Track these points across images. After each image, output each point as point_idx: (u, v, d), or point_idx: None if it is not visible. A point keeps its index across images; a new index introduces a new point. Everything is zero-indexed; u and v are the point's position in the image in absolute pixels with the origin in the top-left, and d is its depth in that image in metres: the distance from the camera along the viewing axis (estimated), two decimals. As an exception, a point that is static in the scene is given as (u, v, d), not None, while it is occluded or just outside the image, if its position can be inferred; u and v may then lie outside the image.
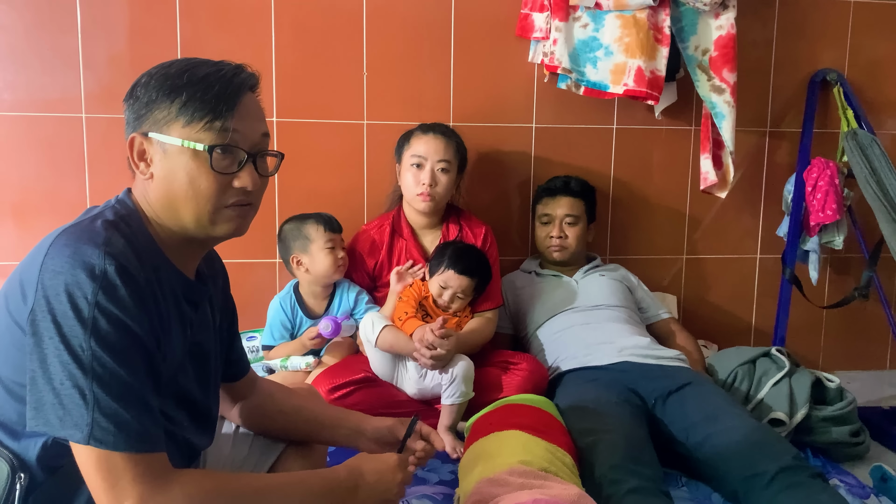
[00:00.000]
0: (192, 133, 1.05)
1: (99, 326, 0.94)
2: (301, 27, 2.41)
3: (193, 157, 1.06)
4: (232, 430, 1.38)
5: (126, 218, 1.06)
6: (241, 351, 1.37)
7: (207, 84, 1.05)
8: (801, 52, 2.70)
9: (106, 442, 0.93)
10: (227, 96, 1.06)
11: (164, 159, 1.07)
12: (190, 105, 1.05)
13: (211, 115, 1.05)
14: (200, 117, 1.05)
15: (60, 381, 0.93)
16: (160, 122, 1.06)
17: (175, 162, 1.06)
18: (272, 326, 2.29)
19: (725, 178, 2.54)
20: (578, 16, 2.41)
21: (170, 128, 1.05)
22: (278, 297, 2.31)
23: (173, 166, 1.06)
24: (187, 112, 1.05)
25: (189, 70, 1.07)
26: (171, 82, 1.06)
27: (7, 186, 2.33)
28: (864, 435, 2.08)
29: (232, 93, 1.07)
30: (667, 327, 2.43)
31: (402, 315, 2.07)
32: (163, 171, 1.07)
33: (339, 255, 2.24)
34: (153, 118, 1.06)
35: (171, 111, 1.05)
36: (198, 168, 1.06)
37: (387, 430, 1.36)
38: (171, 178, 1.07)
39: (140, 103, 1.07)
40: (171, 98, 1.05)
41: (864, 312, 2.76)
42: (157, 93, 1.06)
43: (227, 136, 1.06)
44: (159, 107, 1.06)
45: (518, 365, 2.12)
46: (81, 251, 0.96)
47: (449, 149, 2.23)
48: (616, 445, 1.68)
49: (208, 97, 1.05)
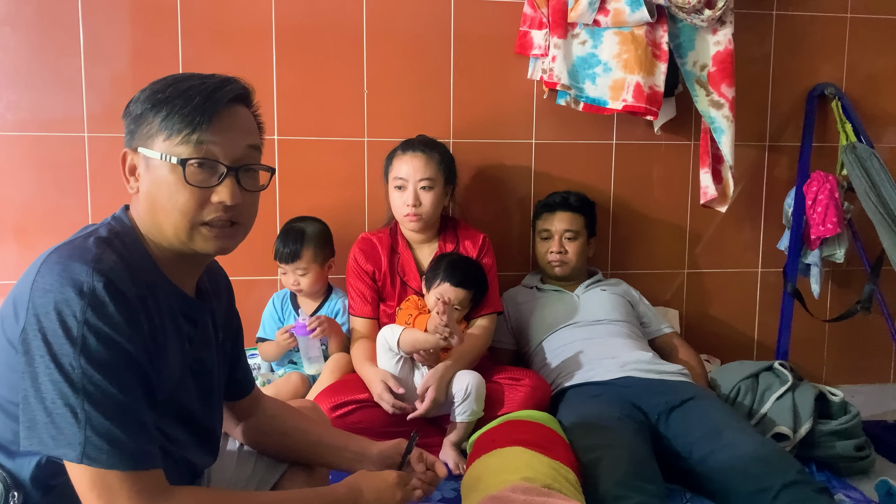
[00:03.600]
0: (171, 146, 1.04)
1: (88, 344, 0.93)
2: (302, 46, 2.43)
3: (171, 171, 1.04)
4: (236, 448, 1.37)
5: (121, 234, 1.06)
6: (246, 369, 1.36)
7: (188, 97, 1.04)
8: (799, 66, 2.72)
9: (99, 460, 0.93)
10: (204, 108, 1.04)
11: (147, 173, 1.06)
12: (170, 118, 1.04)
13: (189, 128, 1.03)
14: (179, 130, 1.03)
15: (52, 400, 0.92)
16: (145, 137, 1.06)
17: (156, 176, 1.05)
18: (263, 320, 2.37)
19: (725, 193, 2.54)
20: (577, 33, 2.43)
21: (153, 142, 1.05)
22: (276, 293, 2.40)
23: (155, 180, 1.05)
24: (168, 125, 1.04)
25: (174, 84, 1.06)
26: (157, 96, 1.06)
27: (10, 205, 2.34)
28: (868, 449, 2.07)
29: (211, 105, 1.04)
30: (669, 342, 2.43)
31: (407, 318, 2.08)
32: (146, 186, 1.07)
33: (291, 280, 2.28)
34: (140, 133, 1.06)
35: (153, 125, 1.05)
36: (175, 182, 1.04)
37: (392, 449, 1.34)
38: (154, 192, 1.06)
39: (131, 118, 1.08)
40: (155, 112, 1.05)
41: (866, 326, 2.75)
42: (144, 107, 1.06)
43: (203, 148, 1.04)
44: (145, 121, 1.06)
45: (520, 381, 2.11)
46: (70, 269, 0.96)
47: (430, 165, 2.22)
48: (619, 461, 1.67)
49: (187, 110, 1.04)
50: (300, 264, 2.25)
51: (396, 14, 2.47)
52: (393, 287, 2.28)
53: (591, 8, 2.34)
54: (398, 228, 2.34)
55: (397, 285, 2.28)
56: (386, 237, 2.32)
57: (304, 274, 2.27)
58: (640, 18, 2.33)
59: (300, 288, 2.29)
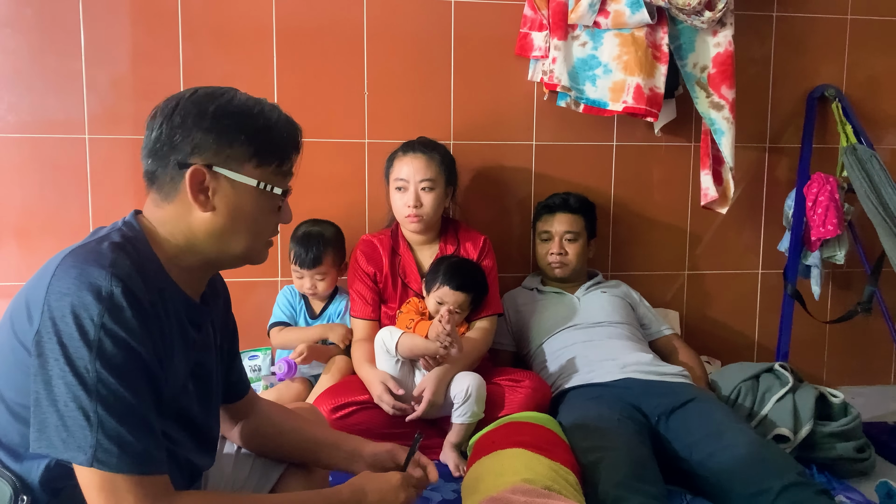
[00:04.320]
0: (265, 174, 1.11)
1: (104, 348, 0.94)
2: (302, 48, 2.43)
3: (263, 198, 1.11)
4: (233, 451, 1.38)
5: (133, 240, 1.06)
6: (240, 371, 1.37)
7: (277, 128, 1.12)
8: (799, 68, 2.72)
9: (109, 464, 0.93)
10: (294, 143, 1.15)
11: (233, 195, 1.09)
12: (264, 148, 1.10)
13: (280, 160, 1.12)
14: (272, 161, 1.11)
15: (65, 403, 0.93)
16: (229, 160, 1.08)
17: (243, 199, 1.10)
18: (278, 305, 2.39)
19: (726, 194, 2.55)
20: (577, 34, 2.43)
21: (241, 166, 1.09)
22: (286, 287, 2.42)
23: (241, 203, 1.10)
24: (261, 154, 1.10)
25: (255, 111, 1.11)
26: (235, 121, 1.08)
27: (10, 207, 2.34)
28: (869, 451, 2.07)
29: (295, 139, 1.15)
30: (669, 343, 2.43)
31: (408, 323, 2.08)
32: (228, 206, 1.09)
33: (308, 284, 2.29)
34: (217, 153, 1.07)
35: (242, 151, 1.08)
36: (265, 208, 1.12)
37: (386, 453, 1.35)
38: (237, 213, 1.10)
39: (193, 133, 1.07)
40: (242, 137, 1.08)
41: (867, 327, 2.75)
42: (220, 128, 1.07)
43: (290, 179, 1.16)
44: (225, 143, 1.08)
45: (521, 382, 2.11)
46: (88, 273, 0.96)
47: (431, 166, 2.23)
48: (619, 463, 1.67)
49: (280, 143, 1.12)
50: (321, 269, 2.27)
51: (397, 16, 2.47)
52: (394, 289, 2.28)
53: (591, 10, 2.35)
54: (399, 230, 2.34)
55: (398, 287, 2.28)
56: (387, 239, 2.32)
57: (323, 279, 2.29)
58: (640, 20, 2.34)
59: (316, 292, 2.30)
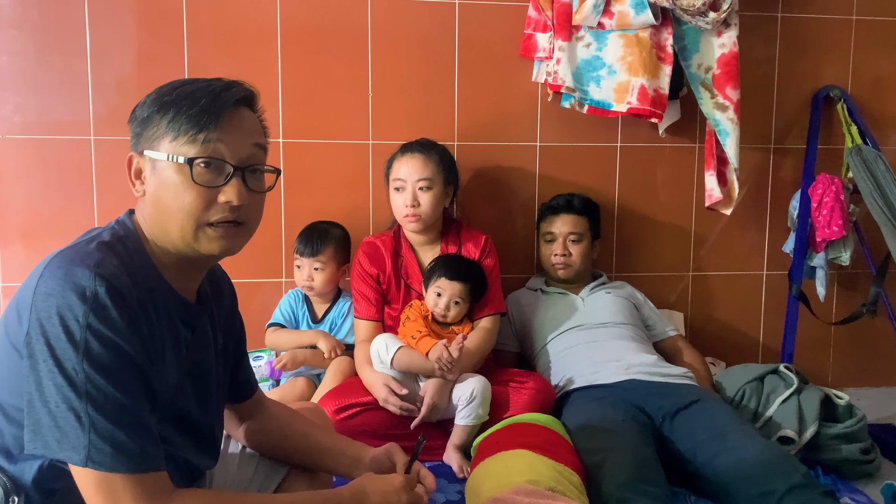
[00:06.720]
0: (177, 147, 1.05)
1: (91, 348, 0.94)
2: (307, 49, 2.44)
3: (178, 171, 1.05)
4: (238, 450, 1.38)
5: (123, 239, 1.06)
6: (248, 372, 1.37)
7: (194, 99, 1.05)
8: (804, 69, 2.71)
9: (104, 464, 0.93)
10: (211, 109, 1.05)
11: (153, 175, 1.07)
12: (176, 119, 1.05)
13: (196, 129, 1.04)
14: (185, 130, 1.04)
15: (56, 404, 0.93)
16: (151, 139, 1.07)
17: (163, 177, 1.06)
18: (279, 307, 2.40)
19: (730, 195, 2.54)
20: (581, 35, 2.43)
21: (159, 144, 1.06)
22: (291, 290, 2.43)
23: (161, 181, 1.06)
24: (175, 126, 1.05)
25: (180, 87, 1.08)
26: (163, 99, 1.07)
27: (16, 208, 2.36)
28: (874, 452, 2.06)
29: (218, 106, 1.06)
30: (674, 344, 2.42)
31: (414, 334, 2.07)
32: (152, 187, 1.07)
33: (305, 274, 2.30)
34: (146, 135, 1.07)
35: (160, 127, 1.06)
36: (182, 182, 1.05)
37: (383, 453, 1.35)
38: (160, 193, 1.06)
39: (137, 122, 1.09)
40: (161, 114, 1.06)
41: (872, 328, 2.74)
42: (150, 110, 1.07)
43: (209, 147, 1.05)
44: (151, 124, 1.07)
45: (525, 383, 2.11)
46: (72, 273, 0.96)
47: (428, 166, 2.23)
48: (624, 464, 1.67)
49: (194, 111, 1.05)
50: (320, 258, 2.28)
51: (401, 17, 2.48)
52: (397, 290, 2.28)
53: (595, 11, 2.34)
54: (401, 231, 2.34)
55: (401, 288, 2.28)
56: (389, 240, 2.32)
57: (321, 269, 2.29)
58: (644, 21, 2.33)
59: (312, 284, 2.30)
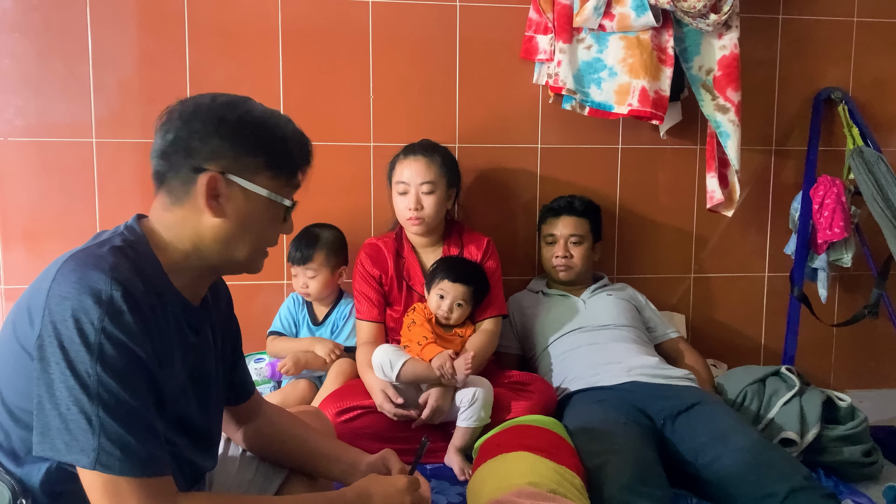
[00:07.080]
0: (278, 187, 1.13)
1: (105, 352, 0.94)
2: (308, 51, 2.44)
3: (273, 208, 1.14)
4: (238, 453, 1.38)
5: (134, 244, 1.07)
6: (244, 374, 1.37)
7: (291, 142, 1.15)
8: (805, 70, 2.71)
9: (112, 467, 0.94)
10: (305, 156, 1.18)
11: (244, 203, 1.11)
12: (279, 160, 1.13)
13: (292, 173, 1.16)
14: (286, 173, 1.14)
15: (67, 407, 0.93)
16: (244, 169, 1.10)
17: (254, 208, 1.12)
18: (279, 314, 2.41)
19: (732, 197, 2.54)
20: (582, 37, 2.43)
21: (255, 176, 1.11)
22: (293, 293, 2.42)
23: (252, 211, 1.12)
24: (275, 166, 1.12)
25: (272, 122, 1.14)
26: (254, 132, 1.10)
27: (18, 210, 2.36)
28: (876, 454, 2.06)
29: (307, 153, 1.18)
30: (675, 347, 2.42)
31: (420, 340, 2.06)
32: (238, 214, 1.11)
33: (301, 282, 2.31)
34: (233, 161, 1.09)
35: (258, 161, 1.10)
36: (272, 218, 1.15)
37: (379, 459, 1.35)
38: (247, 221, 1.12)
39: (212, 140, 1.08)
40: (259, 149, 1.10)
41: (874, 330, 2.73)
42: (239, 137, 1.09)
43: (296, 191, 1.18)
44: (242, 152, 1.09)
45: (527, 386, 2.11)
46: (88, 277, 0.97)
47: (431, 169, 2.23)
48: (625, 466, 1.67)
49: (293, 156, 1.15)
50: (311, 266, 2.28)
51: (402, 19, 2.48)
52: (399, 292, 2.28)
53: (596, 13, 2.35)
54: (403, 233, 2.34)
55: (403, 290, 2.28)
56: (391, 242, 2.32)
57: (314, 277, 2.29)
58: (645, 23, 2.34)
59: (308, 291, 2.30)
